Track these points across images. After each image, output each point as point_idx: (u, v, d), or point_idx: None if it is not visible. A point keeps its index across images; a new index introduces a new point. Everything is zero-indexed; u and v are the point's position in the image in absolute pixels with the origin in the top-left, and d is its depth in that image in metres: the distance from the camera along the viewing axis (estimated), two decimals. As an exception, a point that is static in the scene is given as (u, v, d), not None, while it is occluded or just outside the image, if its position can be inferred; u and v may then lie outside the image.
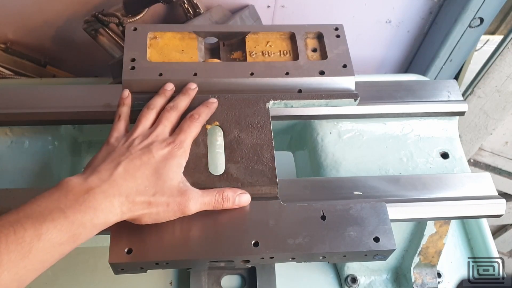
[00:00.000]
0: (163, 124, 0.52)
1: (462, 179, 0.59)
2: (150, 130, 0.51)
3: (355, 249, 0.49)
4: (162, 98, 0.55)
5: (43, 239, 0.39)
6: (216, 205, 0.49)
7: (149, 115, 0.53)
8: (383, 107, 0.65)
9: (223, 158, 0.54)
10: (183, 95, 0.56)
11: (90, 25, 0.89)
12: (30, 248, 0.38)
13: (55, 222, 0.40)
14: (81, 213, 0.41)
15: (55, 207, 0.41)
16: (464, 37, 1.06)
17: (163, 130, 0.51)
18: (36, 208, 0.41)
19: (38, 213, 0.40)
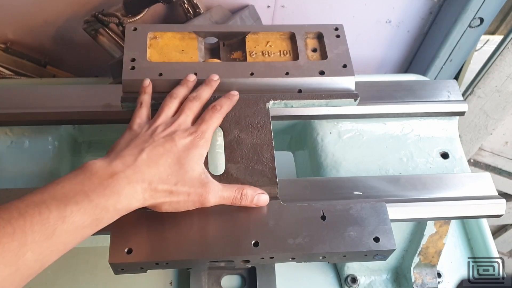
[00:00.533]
0: (186, 113, 0.52)
1: (462, 179, 0.59)
2: (173, 118, 0.52)
3: (355, 249, 0.49)
4: (184, 88, 0.56)
5: (67, 221, 0.39)
6: (235, 201, 0.49)
7: (172, 104, 0.53)
8: (383, 107, 0.65)
9: (223, 158, 0.54)
10: (205, 85, 0.56)
11: (90, 25, 0.89)
12: (54, 230, 0.38)
13: (79, 205, 0.40)
14: (105, 197, 0.42)
15: (79, 190, 0.41)
16: (464, 37, 1.06)
17: (186, 120, 0.52)
18: (60, 190, 0.41)
19: (62, 195, 0.40)
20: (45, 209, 0.38)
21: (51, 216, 0.38)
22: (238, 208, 0.50)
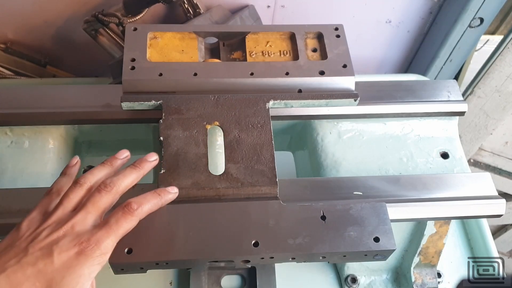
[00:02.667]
0: (87, 210, 0.41)
1: (462, 179, 0.59)
2: (70, 215, 0.41)
3: (355, 249, 0.49)
4: (105, 169, 0.46)
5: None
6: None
7: (75, 193, 0.43)
8: (383, 107, 0.65)
9: (223, 158, 0.54)
10: (132, 168, 0.46)
11: (90, 25, 0.89)
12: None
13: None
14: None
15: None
16: (464, 37, 1.06)
17: (85, 219, 0.41)
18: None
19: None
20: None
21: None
22: (238, 207, 0.50)
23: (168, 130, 0.54)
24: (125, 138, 0.69)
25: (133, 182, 0.45)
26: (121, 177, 0.44)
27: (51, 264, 0.37)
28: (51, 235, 0.39)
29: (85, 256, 0.38)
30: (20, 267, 0.36)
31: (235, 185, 0.52)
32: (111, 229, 0.40)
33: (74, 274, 0.37)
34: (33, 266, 0.36)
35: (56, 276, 0.36)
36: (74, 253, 0.38)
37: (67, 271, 0.37)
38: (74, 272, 0.37)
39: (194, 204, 0.51)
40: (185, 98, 0.57)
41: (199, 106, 0.56)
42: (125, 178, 0.44)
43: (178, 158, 0.52)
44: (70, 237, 0.39)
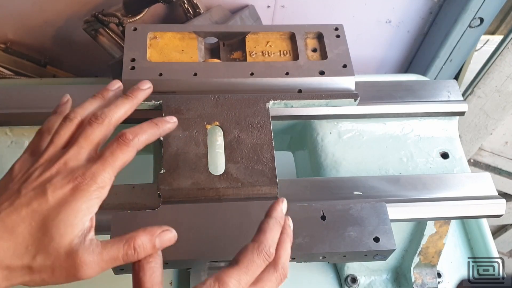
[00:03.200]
0: (79, 144, 0.39)
1: (462, 179, 0.59)
2: (62, 152, 0.39)
3: (355, 249, 0.49)
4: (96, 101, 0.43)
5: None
6: (128, 259, 0.37)
7: (65, 129, 0.40)
8: (383, 107, 0.65)
9: (223, 158, 0.54)
10: (124, 98, 0.43)
11: (90, 25, 0.89)
12: None
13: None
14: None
15: None
16: (464, 37, 1.06)
17: (78, 155, 0.38)
18: None
19: None
20: None
21: None
22: (238, 207, 0.50)
23: (168, 130, 0.54)
24: (125, 138, 0.69)
25: (126, 113, 0.43)
26: (112, 108, 0.41)
27: (45, 202, 0.35)
28: (44, 174, 0.37)
29: (81, 191, 0.36)
30: (14, 209, 0.35)
31: (235, 185, 0.52)
32: (107, 161, 0.38)
33: (70, 210, 0.36)
34: (27, 207, 0.35)
35: (52, 214, 0.35)
36: (69, 189, 0.36)
37: (62, 207, 0.35)
38: (70, 207, 0.36)
39: (194, 204, 0.51)
40: (185, 98, 0.57)
41: (199, 106, 0.56)
42: (117, 108, 0.42)
43: (178, 158, 0.52)
44: (64, 174, 0.37)
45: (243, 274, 0.37)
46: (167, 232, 0.40)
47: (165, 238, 0.39)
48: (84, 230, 0.36)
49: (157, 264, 0.39)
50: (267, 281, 0.39)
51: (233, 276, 0.37)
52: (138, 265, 0.38)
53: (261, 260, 0.39)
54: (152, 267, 0.38)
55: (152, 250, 0.38)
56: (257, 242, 0.39)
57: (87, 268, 0.36)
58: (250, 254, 0.39)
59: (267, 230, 0.40)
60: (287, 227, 0.43)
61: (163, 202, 0.51)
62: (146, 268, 0.38)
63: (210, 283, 0.37)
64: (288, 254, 0.41)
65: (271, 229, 0.41)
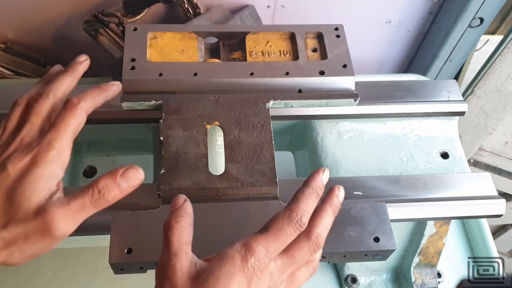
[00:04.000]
0: (30, 121, 0.40)
1: (462, 179, 0.59)
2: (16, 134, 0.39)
3: (355, 249, 0.49)
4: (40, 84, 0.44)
5: None
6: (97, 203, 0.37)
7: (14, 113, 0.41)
8: (383, 107, 0.65)
9: (223, 158, 0.54)
10: (63, 73, 0.44)
11: (90, 25, 0.89)
12: None
13: None
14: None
15: None
16: (464, 37, 1.06)
17: (30, 131, 0.39)
18: None
19: None
20: None
21: None
22: (238, 207, 0.50)
23: (168, 130, 0.54)
24: (125, 138, 0.69)
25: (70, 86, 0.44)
26: (54, 83, 0.43)
27: (7, 177, 0.36)
28: (2, 156, 0.37)
29: (40, 158, 0.36)
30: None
31: (235, 185, 0.52)
32: (59, 126, 0.39)
33: (33, 176, 0.36)
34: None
35: (15, 184, 0.35)
36: (28, 159, 0.36)
37: (25, 176, 0.36)
38: (32, 174, 0.36)
39: (194, 204, 0.50)
40: (185, 98, 0.57)
41: (199, 106, 0.56)
42: (58, 82, 0.43)
43: (178, 158, 0.52)
44: (21, 149, 0.37)
45: (271, 241, 0.36)
46: (131, 169, 0.38)
47: (129, 175, 0.38)
48: (51, 193, 0.36)
49: (186, 223, 0.39)
50: (298, 249, 0.38)
51: (261, 243, 0.36)
52: (167, 224, 0.38)
53: (291, 229, 0.37)
54: (181, 226, 0.38)
55: (118, 189, 0.37)
56: (289, 210, 0.38)
57: (58, 222, 0.35)
58: (281, 222, 0.37)
59: (301, 198, 0.39)
60: (334, 197, 0.41)
61: (163, 202, 0.51)
62: (174, 227, 0.38)
63: (237, 248, 0.36)
64: (326, 225, 0.39)
65: (306, 197, 0.39)
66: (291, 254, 0.37)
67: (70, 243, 0.64)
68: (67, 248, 0.64)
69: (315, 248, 0.38)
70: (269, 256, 0.36)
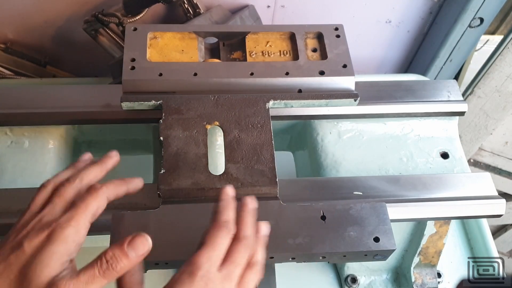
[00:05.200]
0: (53, 202, 0.41)
1: (462, 179, 0.59)
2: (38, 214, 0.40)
3: (355, 249, 0.49)
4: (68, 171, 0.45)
5: None
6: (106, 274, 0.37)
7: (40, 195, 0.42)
8: (383, 107, 0.65)
9: (223, 158, 0.54)
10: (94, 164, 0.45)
11: (90, 25, 0.89)
12: None
13: None
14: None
15: None
16: (464, 37, 1.06)
17: (53, 209, 0.40)
18: None
19: None
20: None
21: None
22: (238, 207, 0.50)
23: (168, 130, 0.54)
24: (125, 138, 0.69)
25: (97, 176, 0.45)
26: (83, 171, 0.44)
27: (22, 254, 0.36)
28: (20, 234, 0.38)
29: (57, 235, 0.37)
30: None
31: (235, 185, 0.52)
32: (80, 208, 0.39)
33: (46, 253, 0.36)
34: (5, 262, 0.36)
35: (29, 260, 0.36)
36: (45, 236, 0.37)
37: (39, 252, 0.36)
38: (45, 251, 0.36)
39: (194, 204, 0.51)
40: (185, 98, 0.57)
41: (199, 106, 0.56)
42: (87, 171, 0.44)
43: (178, 158, 0.52)
44: (39, 227, 0.38)
45: (211, 251, 0.39)
46: (138, 236, 0.39)
47: (136, 243, 0.39)
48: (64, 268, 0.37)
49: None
50: (235, 252, 0.40)
51: (203, 255, 0.39)
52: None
53: (223, 233, 0.40)
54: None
55: (126, 259, 0.38)
56: (215, 221, 0.41)
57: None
58: (212, 231, 0.40)
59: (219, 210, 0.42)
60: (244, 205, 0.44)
61: (163, 202, 0.51)
62: None
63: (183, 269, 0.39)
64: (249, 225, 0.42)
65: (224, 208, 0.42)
66: (231, 259, 0.40)
67: (70, 243, 0.64)
68: (67, 248, 0.64)
69: (249, 246, 0.41)
70: (214, 265, 0.39)
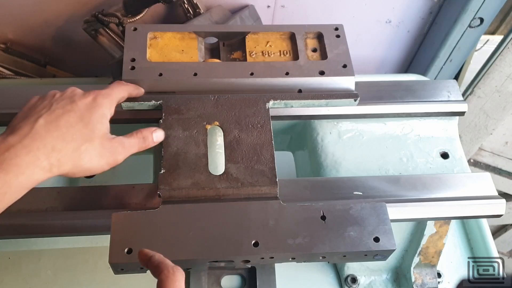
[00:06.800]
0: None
1: (462, 179, 0.59)
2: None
3: (355, 249, 0.49)
4: None
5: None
6: (140, 146, 0.50)
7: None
8: (383, 107, 0.65)
9: (223, 158, 0.54)
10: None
11: (90, 25, 0.89)
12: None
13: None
14: (3, 172, 0.39)
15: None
16: (464, 37, 1.06)
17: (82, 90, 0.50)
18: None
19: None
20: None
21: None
22: (238, 207, 0.50)
23: (168, 130, 0.54)
24: (125, 138, 0.69)
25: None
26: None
27: (76, 106, 0.46)
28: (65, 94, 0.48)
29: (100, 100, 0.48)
30: (52, 111, 0.45)
31: (235, 185, 0.52)
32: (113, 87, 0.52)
33: (98, 111, 0.47)
34: (63, 108, 0.45)
35: (84, 113, 0.46)
36: (91, 98, 0.47)
37: (91, 110, 0.46)
38: (97, 110, 0.47)
39: (194, 204, 0.51)
40: (185, 98, 0.57)
41: (199, 106, 0.56)
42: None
43: (178, 158, 0.52)
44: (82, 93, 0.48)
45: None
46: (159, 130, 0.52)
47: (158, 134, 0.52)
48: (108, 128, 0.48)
49: None
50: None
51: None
52: None
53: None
54: None
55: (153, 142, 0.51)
56: None
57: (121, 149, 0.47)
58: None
59: None
60: None
61: (163, 202, 0.51)
62: None
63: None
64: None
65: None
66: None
67: (70, 243, 0.65)
68: (67, 248, 0.64)
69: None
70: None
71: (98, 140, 0.45)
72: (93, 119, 0.46)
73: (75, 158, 0.44)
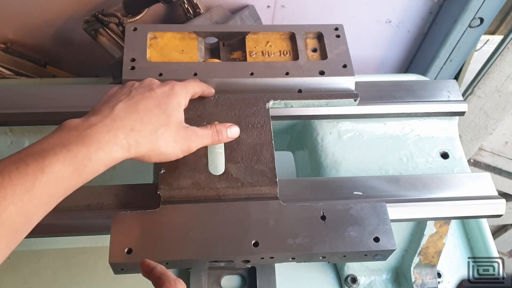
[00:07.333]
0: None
1: (462, 179, 0.59)
2: None
3: (355, 249, 0.49)
4: None
5: (46, 172, 0.38)
6: (214, 139, 0.51)
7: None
8: (383, 107, 0.65)
9: (223, 158, 0.54)
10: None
11: (90, 25, 0.89)
12: (34, 181, 0.38)
13: (58, 156, 0.39)
14: (84, 146, 0.41)
15: (57, 143, 0.41)
16: (464, 37, 1.06)
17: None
18: (38, 146, 0.40)
19: (40, 150, 0.40)
20: (22, 164, 0.38)
21: (29, 169, 0.38)
22: (238, 207, 0.50)
23: (168, 130, 0.54)
24: (125, 138, 0.69)
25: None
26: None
27: (154, 93, 0.48)
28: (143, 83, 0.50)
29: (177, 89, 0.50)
30: (131, 97, 0.47)
31: (235, 185, 0.52)
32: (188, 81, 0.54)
33: (175, 99, 0.49)
34: (142, 94, 0.48)
35: (162, 100, 0.48)
36: (169, 87, 0.50)
37: (168, 97, 0.49)
38: (174, 98, 0.49)
39: (194, 204, 0.51)
40: (185, 98, 0.56)
41: (199, 106, 0.56)
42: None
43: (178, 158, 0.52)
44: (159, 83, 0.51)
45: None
46: (233, 126, 0.53)
47: (233, 131, 0.53)
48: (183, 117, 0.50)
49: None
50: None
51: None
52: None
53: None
54: None
55: (227, 138, 0.53)
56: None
57: (195, 138, 0.49)
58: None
59: None
60: None
61: (163, 202, 0.51)
62: None
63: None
64: None
65: None
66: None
67: (70, 243, 0.65)
68: (67, 248, 0.65)
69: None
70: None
71: (174, 126, 0.47)
72: (170, 106, 0.48)
73: (152, 140, 0.46)
